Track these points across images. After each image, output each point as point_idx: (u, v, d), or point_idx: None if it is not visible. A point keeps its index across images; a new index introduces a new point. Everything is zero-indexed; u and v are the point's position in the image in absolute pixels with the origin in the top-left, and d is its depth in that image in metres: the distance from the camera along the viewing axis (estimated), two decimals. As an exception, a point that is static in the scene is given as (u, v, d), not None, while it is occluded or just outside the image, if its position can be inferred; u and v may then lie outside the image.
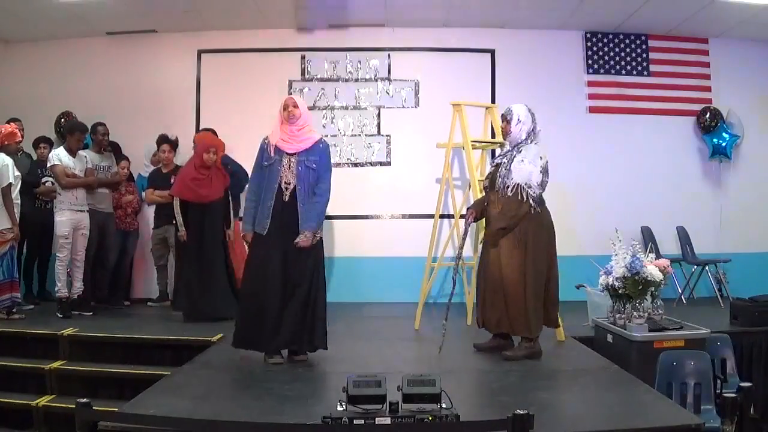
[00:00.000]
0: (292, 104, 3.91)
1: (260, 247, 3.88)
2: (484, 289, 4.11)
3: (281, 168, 3.84)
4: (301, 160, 3.86)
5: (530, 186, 3.92)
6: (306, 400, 3.13)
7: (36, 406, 4.05)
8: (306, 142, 3.89)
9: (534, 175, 3.93)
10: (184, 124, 6.66)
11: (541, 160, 3.98)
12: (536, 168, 3.94)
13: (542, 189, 3.98)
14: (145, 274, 6.45)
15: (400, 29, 6.79)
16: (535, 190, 3.93)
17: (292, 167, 3.85)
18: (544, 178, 3.98)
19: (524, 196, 3.92)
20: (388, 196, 6.74)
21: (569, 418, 3.00)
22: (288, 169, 3.85)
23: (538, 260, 3.95)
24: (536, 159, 3.97)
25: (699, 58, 6.87)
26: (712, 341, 4.04)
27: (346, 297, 6.35)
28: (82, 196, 5.46)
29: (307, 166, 3.86)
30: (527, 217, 3.93)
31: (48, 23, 6.39)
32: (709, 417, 3.34)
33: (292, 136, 3.89)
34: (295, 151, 3.87)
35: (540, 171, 3.95)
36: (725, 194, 6.84)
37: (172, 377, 3.63)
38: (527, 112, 4.10)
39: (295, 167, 3.85)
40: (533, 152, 3.99)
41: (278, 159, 3.85)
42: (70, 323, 4.92)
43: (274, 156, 3.86)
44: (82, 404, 2.42)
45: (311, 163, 3.87)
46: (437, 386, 2.53)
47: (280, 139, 3.88)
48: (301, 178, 3.84)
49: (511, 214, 3.96)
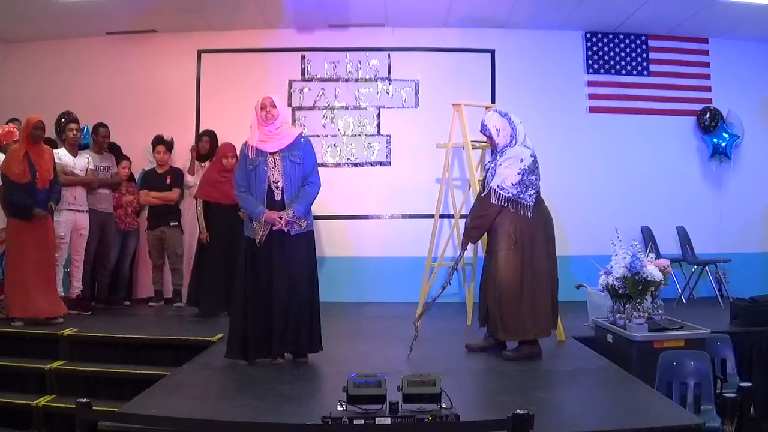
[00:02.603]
0: (270, 104, 3.84)
1: (252, 254, 3.82)
2: (484, 295, 4.12)
3: (267, 168, 3.79)
4: (285, 156, 3.81)
5: (503, 188, 3.93)
6: (306, 400, 3.13)
7: (36, 406, 4.05)
8: (286, 138, 3.83)
9: (508, 177, 3.94)
10: (184, 124, 6.67)
11: (521, 162, 3.95)
12: (512, 170, 3.94)
13: (523, 188, 3.93)
14: (145, 274, 6.45)
15: (400, 29, 6.79)
16: (509, 191, 3.93)
17: (277, 165, 3.80)
18: (527, 177, 3.95)
19: (495, 198, 3.94)
20: (388, 196, 6.74)
21: (569, 418, 2.99)
22: (274, 167, 3.80)
23: (537, 260, 3.95)
24: (515, 162, 3.95)
25: (699, 58, 6.87)
26: (712, 341, 4.04)
27: (346, 297, 6.36)
28: (81, 196, 5.47)
29: (292, 161, 3.81)
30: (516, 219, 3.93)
31: (48, 23, 6.39)
32: (709, 417, 3.34)
33: (270, 135, 3.83)
34: (277, 149, 3.82)
35: (518, 172, 3.93)
36: (725, 194, 6.83)
37: (172, 377, 3.63)
38: (499, 117, 4.09)
39: (281, 164, 3.80)
40: (512, 155, 3.98)
41: (262, 160, 3.80)
42: (70, 323, 4.92)
43: (257, 158, 3.81)
44: (82, 404, 2.42)
45: (296, 158, 3.82)
46: (437, 386, 2.52)
47: (260, 141, 3.83)
48: (288, 175, 3.80)
49: (478, 215, 4.05)
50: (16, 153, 4.86)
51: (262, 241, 3.76)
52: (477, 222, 4.08)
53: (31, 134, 4.91)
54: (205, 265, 5.47)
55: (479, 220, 4.06)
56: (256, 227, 3.77)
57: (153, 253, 6.12)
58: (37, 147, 4.98)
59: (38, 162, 4.96)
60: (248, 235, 3.85)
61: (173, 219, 6.10)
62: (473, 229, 4.12)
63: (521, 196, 3.94)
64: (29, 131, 4.90)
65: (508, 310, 3.94)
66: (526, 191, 3.95)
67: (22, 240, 4.86)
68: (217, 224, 5.45)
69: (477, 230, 4.11)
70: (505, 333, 3.99)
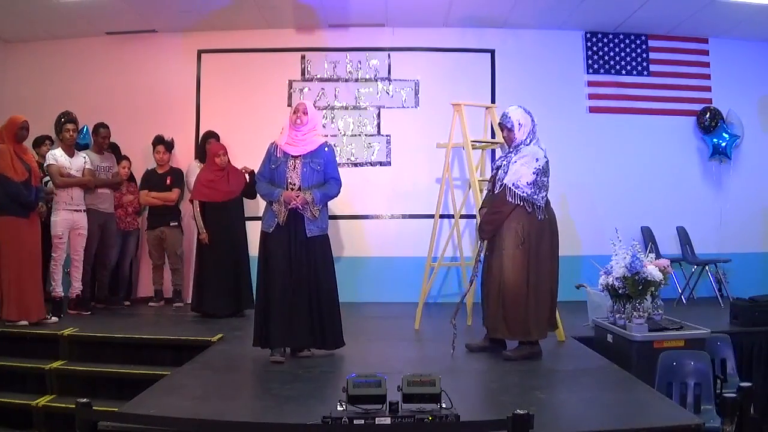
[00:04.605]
0: (302, 110, 4.02)
1: (267, 246, 3.95)
2: (487, 294, 4.11)
3: (287, 169, 3.95)
4: (305, 162, 3.96)
5: (518, 186, 3.92)
6: (306, 400, 3.13)
7: (36, 406, 4.05)
8: (310, 145, 3.99)
9: (524, 176, 3.93)
10: (184, 124, 6.67)
11: (537, 162, 3.95)
12: (528, 169, 3.93)
13: (537, 189, 3.93)
14: (145, 274, 6.45)
15: (400, 29, 6.79)
16: (524, 190, 3.92)
17: (297, 168, 3.95)
18: (540, 178, 3.95)
19: (510, 196, 3.93)
20: (388, 196, 6.74)
21: (569, 418, 2.99)
22: (293, 170, 3.95)
23: (543, 261, 3.95)
24: (531, 161, 3.95)
25: (699, 58, 6.87)
26: (712, 341, 4.04)
27: (346, 297, 6.27)
28: (78, 196, 5.46)
29: (312, 168, 3.96)
30: (524, 218, 3.92)
31: (48, 23, 6.39)
32: (709, 417, 3.34)
33: (296, 140, 3.99)
34: (300, 154, 3.97)
35: (533, 172, 3.93)
36: (725, 194, 6.83)
37: (172, 377, 3.63)
38: (524, 113, 4.08)
39: (300, 168, 3.95)
40: (528, 153, 3.98)
41: (284, 161, 3.96)
42: (70, 323, 4.92)
43: (280, 158, 3.97)
44: (82, 404, 2.42)
45: (316, 165, 3.98)
46: (437, 386, 2.52)
47: (286, 143, 4.00)
48: (305, 180, 3.94)
49: (493, 211, 4.02)
50: (7, 152, 4.83)
51: (283, 221, 3.89)
52: (491, 218, 4.03)
53: (17, 134, 4.91)
54: (206, 265, 5.48)
55: (494, 216, 4.01)
56: (276, 209, 3.92)
57: (153, 253, 6.13)
58: (21, 147, 4.99)
59: (28, 161, 4.99)
60: (264, 230, 3.98)
61: (173, 219, 6.11)
62: (487, 224, 4.06)
63: (535, 197, 3.93)
64: (15, 131, 4.89)
65: (512, 310, 3.93)
66: (539, 192, 3.94)
67: (19, 239, 4.85)
68: (217, 223, 5.47)
69: (491, 226, 4.04)
70: (509, 333, 3.99)
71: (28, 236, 4.91)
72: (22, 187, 4.82)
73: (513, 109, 4.13)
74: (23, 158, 4.94)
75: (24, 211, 4.86)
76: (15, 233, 4.84)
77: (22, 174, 4.84)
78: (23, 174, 4.84)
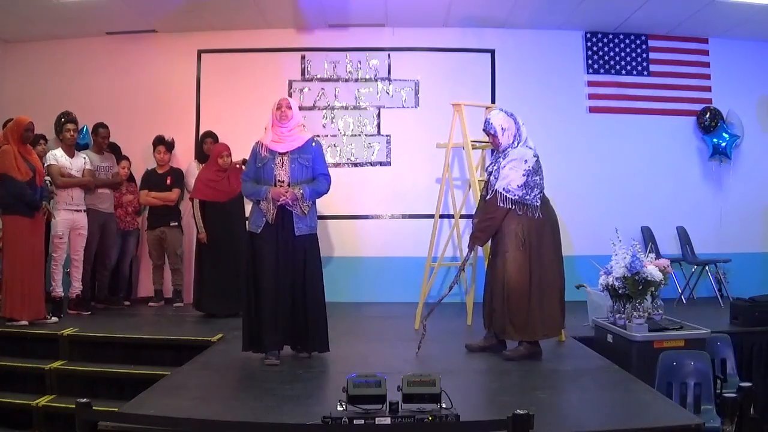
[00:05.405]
0: (285, 105, 3.94)
1: (255, 247, 3.89)
2: (490, 298, 4.10)
3: (274, 166, 3.87)
4: (294, 158, 3.89)
5: (509, 191, 3.92)
6: (306, 400, 3.13)
7: (36, 406, 4.05)
8: (297, 141, 3.92)
9: (514, 180, 3.92)
10: (184, 125, 6.67)
11: (526, 164, 3.95)
12: (517, 173, 3.93)
13: (528, 189, 3.93)
14: (145, 274, 6.45)
15: (400, 29, 6.79)
16: (515, 193, 3.92)
17: (285, 165, 3.88)
18: (532, 178, 3.94)
19: (501, 200, 3.93)
20: (388, 196, 6.74)
21: (569, 418, 2.99)
22: (281, 167, 3.88)
23: (546, 259, 3.95)
24: (519, 163, 3.95)
25: (699, 58, 6.87)
26: (712, 341, 4.04)
27: (346, 297, 6.35)
28: (79, 196, 5.47)
29: (300, 164, 3.90)
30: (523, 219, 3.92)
31: (48, 23, 6.39)
32: (709, 417, 3.34)
33: (282, 136, 3.91)
34: (287, 150, 3.90)
35: (523, 174, 3.93)
36: (725, 194, 6.83)
37: (172, 377, 3.63)
38: (506, 116, 4.07)
39: (288, 165, 3.88)
40: (516, 156, 3.97)
41: (271, 158, 3.88)
42: (70, 323, 4.92)
43: (266, 155, 3.89)
44: (82, 404, 2.42)
45: (305, 161, 3.91)
46: (437, 386, 2.52)
47: (272, 141, 3.92)
48: (294, 176, 3.87)
49: (486, 218, 4.03)
50: (12, 153, 4.86)
51: (273, 219, 3.82)
52: (484, 225, 4.06)
53: (23, 135, 4.94)
54: (206, 265, 5.49)
55: (487, 223, 4.04)
56: (264, 207, 3.84)
57: (153, 253, 6.13)
58: (25, 147, 5.00)
59: (33, 161, 5.01)
60: (251, 230, 3.91)
61: (173, 219, 6.11)
62: (481, 232, 4.10)
63: (527, 197, 3.93)
64: (21, 132, 4.92)
65: (517, 310, 3.93)
66: (531, 192, 3.94)
67: (24, 239, 4.87)
68: (217, 223, 5.47)
69: (485, 233, 4.08)
70: (516, 333, 3.99)
71: (32, 236, 4.93)
72: (26, 187, 4.84)
73: (494, 113, 4.12)
74: (28, 159, 4.96)
75: (29, 211, 4.89)
76: (20, 233, 4.86)
77: (27, 174, 4.87)
78: (27, 174, 4.87)
